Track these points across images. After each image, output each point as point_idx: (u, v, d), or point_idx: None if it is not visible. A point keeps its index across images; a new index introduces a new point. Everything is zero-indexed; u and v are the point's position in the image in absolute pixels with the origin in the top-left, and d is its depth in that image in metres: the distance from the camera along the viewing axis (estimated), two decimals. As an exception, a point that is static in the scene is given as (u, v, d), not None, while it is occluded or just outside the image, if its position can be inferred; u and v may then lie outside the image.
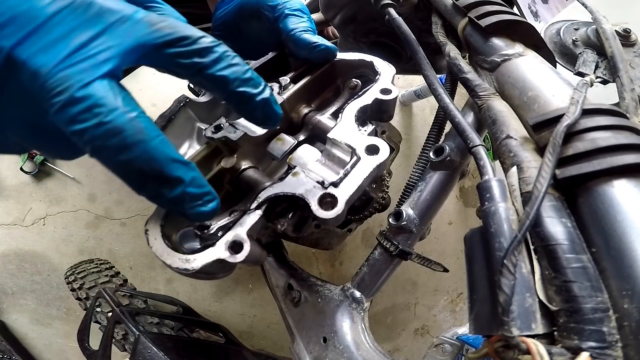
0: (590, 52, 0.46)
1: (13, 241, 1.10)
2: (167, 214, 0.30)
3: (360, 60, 0.39)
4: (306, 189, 0.29)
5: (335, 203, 0.28)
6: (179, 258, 0.27)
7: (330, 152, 0.33)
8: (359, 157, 0.30)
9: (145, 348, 0.59)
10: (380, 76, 0.37)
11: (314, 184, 0.30)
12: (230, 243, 0.27)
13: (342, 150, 0.32)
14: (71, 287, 0.91)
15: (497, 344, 0.22)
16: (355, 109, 0.34)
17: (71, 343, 1.04)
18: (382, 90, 0.35)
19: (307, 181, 0.30)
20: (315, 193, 0.29)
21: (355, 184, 0.29)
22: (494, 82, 0.38)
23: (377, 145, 0.31)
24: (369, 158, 0.30)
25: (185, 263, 0.27)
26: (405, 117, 1.54)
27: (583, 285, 0.21)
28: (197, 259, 0.27)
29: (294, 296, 0.51)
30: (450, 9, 0.44)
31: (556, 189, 0.26)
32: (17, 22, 0.20)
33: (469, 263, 0.27)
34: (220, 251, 0.27)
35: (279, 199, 0.30)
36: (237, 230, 0.28)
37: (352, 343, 0.41)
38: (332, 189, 0.29)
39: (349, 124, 0.33)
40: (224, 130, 0.35)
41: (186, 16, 0.33)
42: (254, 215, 0.29)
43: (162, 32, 0.23)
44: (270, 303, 1.19)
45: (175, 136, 0.38)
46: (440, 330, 1.44)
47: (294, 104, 0.38)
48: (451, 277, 1.56)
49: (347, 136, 0.32)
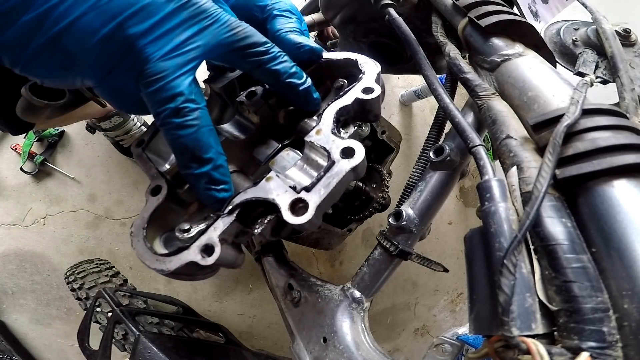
0: (590, 52, 0.46)
1: (13, 241, 1.10)
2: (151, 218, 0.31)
3: (345, 59, 0.38)
4: (278, 194, 0.29)
5: (306, 208, 0.27)
6: (156, 259, 0.28)
7: (309, 156, 0.32)
8: (333, 160, 0.29)
9: (145, 348, 0.59)
10: (364, 75, 0.35)
11: (286, 188, 0.29)
12: (202, 246, 0.28)
13: (319, 154, 0.32)
14: (71, 287, 0.91)
15: (497, 344, 0.22)
16: (334, 111, 0.33)
17: (71, 343, 1.04)
18: (364, 90, 0.34)
19: (280, 186, 0.30)
20: (287, 198, 0.28)
21: (327, 188, 0.28)
22: (494, 82, 0.38)
23: (352, 148, 0.29)
24: (343, 162, 0.29)
25: (161, 264, 0.28)
26: (405, 117, 1.54)
27: (583, 285, 0.21)
28: (173, 261, 0.28)
29: (294, 296, 0.51)
30: (450, 9, 0.44)
31: (556, 189, 0.26)
32: (143, 14, 0.26)
33: (469, 263, 0.27)
34: (193, 254, 0.28)
35: (251, 204, 0.30)
36: (209, 234, 0.29)
37: (352, 343, 0.41)
38: (304, 193, 0.28)
39: (326, 127, 0.32)
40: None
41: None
42: (226, 220, 0.29)
43: (239, 37, 0.30)
44: (270, 303, 1.19)
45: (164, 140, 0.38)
46: (440, 330, 1.44)
47: (280, 107, 0.38)
48: (451, 277, 1.56)
49: (324, 139, 0.31)
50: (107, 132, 1.04)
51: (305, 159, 0.32)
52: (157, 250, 0.30)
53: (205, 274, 0.31)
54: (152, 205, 0.32)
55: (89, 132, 1.07)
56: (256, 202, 0.30)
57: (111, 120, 1.00)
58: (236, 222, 0.30)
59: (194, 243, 0.28)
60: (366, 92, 0.34)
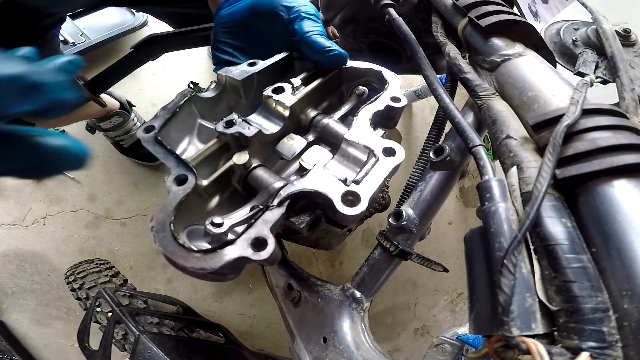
0: (590, 52, 0.46)
1: (13, 241, 1.10)
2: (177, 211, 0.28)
3: (368, 68, 0.40)
4: (328, 187, 0.29)
5: (357, 200, 0.28)
6: (194, 257, 0.25)
7: (346, 152, 0.34)
8: (377, 157, 0.31)
9: (145, 348, 0.59)
10: (389, 85, 0.38)
11: (336, 181, 0.29)
12: (252, 240, 0.26)
13: (359, 151, 0.33)
14: (71, 287, 0.91)
15: (497, 344, 0.22)
16: (370, 114, 0.35)
17: (71, 343, 1.03)
18: (393, 98, 0.37)
19: (328, 179, 0.30)
20: (338, 190, 0.28)
21: (376, 182, 0.29)
22: (494, 82, 0.38)
23: (393, 148, 0.32)
24: (387, 159, 0.31)
25: (201, 262, 0.25)
26: (405, 117, 1.54)
27: (583, 285, 0.21)
28: (215, 258, 0.25)
29: (294, 296, 0.51)
30: (450, 9, 0.44)
31: (556, 189, 0.26)
32: None
33: (469, 263, 0.27)
34: (242, 249, 0.26)
35: (300, 195, 0.29)
36: (259, 226, 0.27)
37: (352, 343, 0.41)
38: (354, 186, 0.29)
39: (364, 127, 0.34)
40: (237, 125, 0.34)
41: (186, 16, 0.33)
42: (276, 212, 0.28)
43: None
44: (270, 303, 1.18)
45: (177, 130, 0.37)
46: (440, 330, 1.44)
47: (303, 106, 0.39)
48: (451, 277, 1.55)
49: (362, 138, 0.33)
50: (107, 132, 1.04)
51: (342, 154, 0.34)
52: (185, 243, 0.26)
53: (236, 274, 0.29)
54: (178, 196, 0.29)
55: (89, 132, 1.07)
56: (305, 194, 0.29)
57: (111, 120, 1.00)
58: (283, 217, 0.29)
59: (240, 237, 0.26)
60: (394, 100, 0.37)
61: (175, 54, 0.89)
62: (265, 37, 0.43)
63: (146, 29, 1.25)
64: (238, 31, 0.43)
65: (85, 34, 1.15)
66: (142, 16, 1.23)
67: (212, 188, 0.33)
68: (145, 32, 1.24)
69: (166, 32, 0.82)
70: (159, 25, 0.93)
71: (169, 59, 1.05)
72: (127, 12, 1.24)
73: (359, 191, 0.28)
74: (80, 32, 1.15)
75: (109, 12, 1.23)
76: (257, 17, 0.41)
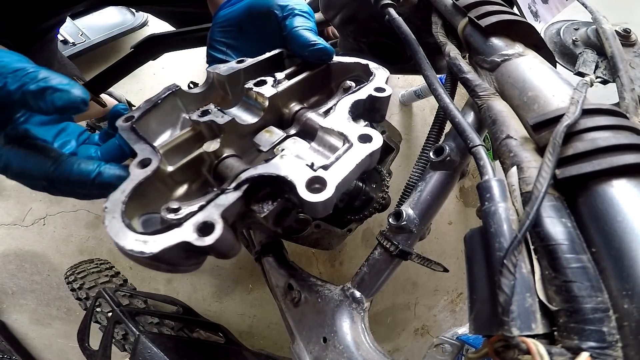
0: (590, 52, 0.46)
1: (13, 241, 1.10)
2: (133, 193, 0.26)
3: (356, 63, 0.39)
4: (293, 171, 0.26)
5: (323, 187, 0.25)
6: (135, 239, 0.23)
7: (322, 140, 0.32)
8: (351, 143, 0.29)
9: (145, 348, 0.59)
10: (375, 76, 0.37)
11: (302, 166, 0.27)
12: (200, 224, 0.24)
13: (334, 138, 0.31)
14: (71, 287, 0.91)
15: (497, 344, 0.22)
16: (349, 103, 0.34)
17: (71, 343, 1.04)
18: (377, 89, 0.35)
19: (295, 164, 0.27)
20: (304, 175, 0.26)
21: (346, 168, 0.27)
22: (494, 82, 0.38)
23: (370, 135, 0.29)
24: (362, 145, 0.28)
25: (141, 245, 0.22)
26: (405, 117, 1.54)
27: (583, 285, 0.21)
28: (157, 241, 0.23)
29: (294, 296, 0.51)
30: (450, 9, 0.44)
31: (556, 189, 0.26)
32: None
33: (469, 263, 0.27)
34: (187, 232, 0.23)
35: (262, 180, 0.27)
36: (210, 210, 0.24)
37: (352, 343, 0.41)
38: (322, 172, 0.26)
39: (341, 116, 0.32)
40: (212, 114, 0.33)
41: (186, 15, 0.33)
42: (231, 195, 0.25)
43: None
44: (270, 303, 1.18)
45: (158, 122, 0.36)
46: (440, 330, 1.44)
47: (286, 100, 0.38)
48: (451, 277, 1.56)
49: (339, 125, 0.31)
50: (107, 132, 1.04)
51: (318, 142, 0.32)
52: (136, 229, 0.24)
53: (190, 264, 0.26)
54: (137, 178, 0.27)
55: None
56: (267, 179, 0.27)
57: (111, 120, 1.00)
58: (242, 200, 0.26)
59: (188, 220, 0.24)
60: (378, 91, 0.35)
61: (175, 54, 0.89)
62: (259, 36, 0.44)
63: (146, 29, 1.25)
64: (233, 30, 0.44)
65: (85, 34, 1.15)
66: (142, 16, 1.24)
67: (179, 176, 0.31)
68: (145, 32, 1.24)
69: (166, 32, 0.82)
70: (159, 25, 0.93)
71: (169, 59, 1.05)
72: (127, 12, 1.25)
73: (326, 177, 0.26)
74: (80, 32, 1.15)
75: (109, 12, 1.23)
76: (253, 17, 0.42)
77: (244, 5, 0.42)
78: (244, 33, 0.44)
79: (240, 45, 0.44)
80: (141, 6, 0.87)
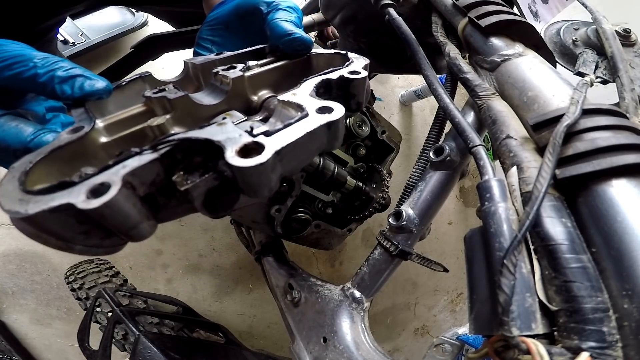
0: (590, 52, 0.46)
1: (13, 241, 1.10)
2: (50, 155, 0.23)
3: (335, 53, 0.38)
4: (228, 137, 0.22)
5: (258, 151, 0.21)
6: (19, 198, 0.19)
7: (279, 114, 0.29)
8: (306, 113, 0.25)
9: (145, 348, 0.59)
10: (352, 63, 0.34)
11: (241, 132, 0.23)
12: (96, 185, 0.19)
13: (292, 110, 0.28)
14: (71, 287, 0.91)
15: (497, 344, 0.22)
16: (317, 81, 0.31)
17: (71, 343, 1.04)
18: (351, 72, 0.32)
19: (233, 130, 0.23)
20: (239, 141, 0.22)
21: (292, 135, 0.23)
22: (494, 82, 0.38)
23: (330, 106, 0.25)
24: (319, 116, 0.25)
25: (20, 205, 0.18)
26: (405, 117, 1.54)
27: (583, 285, 0.21)
28: (40, 201, 0.18)
29: (294, 296, 0.51)
30: (450, 8, 0.44)
31: (556, 189, 0.26)
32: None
33: (469, 263, 0.27)
34: (75, 194, 0.19)
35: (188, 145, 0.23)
36: (112, 170, 0.20)
37: (352, 343, 0.41)
38: (262, 137, 0.22)
39: (305, 92, 0.29)
40: (166, 91, 0.31)
41: (186, 15, 0.33)
42: (144, 157, 0.21)
43: None
44: (270, 303, 1.18)
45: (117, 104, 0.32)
46: (440, 330, 1.44)
47: (256, 87, 0.35)
48: (451, 277, 1.56)
49: (299, 99, 0.28)
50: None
51: (275, 116, 0.29)
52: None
53: (90, 244, 0.22)
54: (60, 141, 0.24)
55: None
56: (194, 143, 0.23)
57: (111, 120, 1.00)
58: (157, 164, 0.22)
59: (85, 180, 0.20)
60: (352, 73, 0.32)
61: (175, 54, 0.89)
62: (245, 34, 0.44)
63: (146, 29, 1.25)
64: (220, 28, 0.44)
65: (85, 34, 1.15)
66: (142, 16, 1.23)
67: (115, 148, 0.28)
68: (145, 32, 1.24)
69: (166, 32, 0.82)
70: (159, 25, 0.93)
71: (169, 59, 1.05)
72: (127, 12, 1.24)
73: (265, 142, 0.22)
74: (80, 32, 1.15)
75: (109, 12, 1.23)
76: (240, 15, 0.43)
77: (232, 4, 0.43)
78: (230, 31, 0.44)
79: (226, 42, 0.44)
80: (141, 6, 0.87)
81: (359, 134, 0.67)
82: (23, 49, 0.28)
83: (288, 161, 0.23)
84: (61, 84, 0.26)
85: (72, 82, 0.27)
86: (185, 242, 1.18)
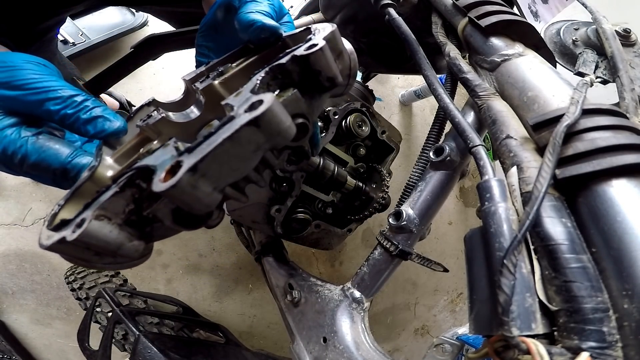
0: (590, 52, 0.46)
1: (13, 241, 1.10)
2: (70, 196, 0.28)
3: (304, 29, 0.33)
4: (164, 160, 0.23)
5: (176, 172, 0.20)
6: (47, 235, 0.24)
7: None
8: (231, 116, 0.23)
9: (145, 348, 0.59)
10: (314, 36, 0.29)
11: (173, 152, 0.24)
12: (78, 221, 0.23)
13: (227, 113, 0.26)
14: (71, 287, 0.91)
15: (497, 344, 0.22)
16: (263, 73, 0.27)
17: (71, 343, 1.04)
18: (307, 48, 0.27)
19: (170, 151, 0.24)
20: (168, 163, 0.22)
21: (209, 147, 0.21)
22: (494, 82, 0.38)
23: (259, 100, 0.22)
24: (244, 115, 0.22)
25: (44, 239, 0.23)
26: (405, 117, 1.54)
27: (583, 285, 0.21)
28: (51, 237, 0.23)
29: (294, 296, 0.51)
30: (450, 8, 0.44)
31: (556, 189, 0.26)
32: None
33: (469, 263, 0.27)
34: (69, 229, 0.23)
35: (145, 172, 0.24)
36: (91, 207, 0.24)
37: (352, 343, 0.41)
38: (185, 155, 0.21)
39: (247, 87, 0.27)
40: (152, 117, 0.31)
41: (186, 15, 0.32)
42: (109, 192, 0.24)
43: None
44: (270, 303, 1.19)
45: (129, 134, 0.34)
46: (440, 330, 1.44)
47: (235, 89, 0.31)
48: (451, 277, 1.56)
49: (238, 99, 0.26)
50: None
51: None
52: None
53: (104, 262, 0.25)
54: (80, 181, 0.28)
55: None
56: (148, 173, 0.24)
57: (111, 120, 1.00)
58: (120, 197, 0.24)
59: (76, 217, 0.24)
60: (309, 49, 0.27)
61: (175, 54, 0.89)
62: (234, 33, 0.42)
63: (146, 29, 1.25)
64: (210, 33, 0.43)
65: (85, 34, 1.15)
66: (142, 16, 1.23)
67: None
68: (145, 32, 1.24)
69: (166, 32, 0.82)
70: (159, 25, 0.93)
71: (169, 59, 1.05)
72: (127, 12, 1.24)
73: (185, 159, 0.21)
74: (80, 32, 1.15)
75: (109, 12, 1.23)
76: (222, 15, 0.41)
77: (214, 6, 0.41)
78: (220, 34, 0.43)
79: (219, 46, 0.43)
80: (141, 6, 0.87)
81: (359, 134, 0.67)
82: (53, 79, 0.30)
83: (216, 174, 0.21)
84: (85, 125, 0.30)
85: (94, 123, 0.30)
86: (185, 242, 1.18)
